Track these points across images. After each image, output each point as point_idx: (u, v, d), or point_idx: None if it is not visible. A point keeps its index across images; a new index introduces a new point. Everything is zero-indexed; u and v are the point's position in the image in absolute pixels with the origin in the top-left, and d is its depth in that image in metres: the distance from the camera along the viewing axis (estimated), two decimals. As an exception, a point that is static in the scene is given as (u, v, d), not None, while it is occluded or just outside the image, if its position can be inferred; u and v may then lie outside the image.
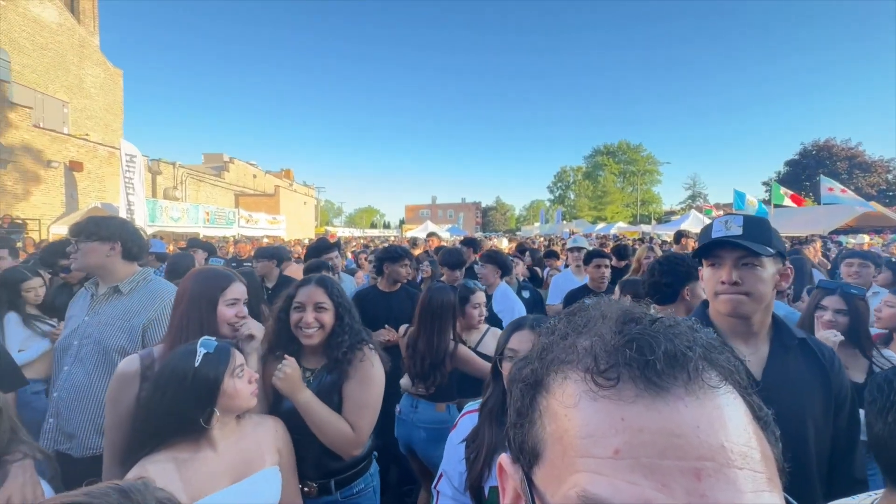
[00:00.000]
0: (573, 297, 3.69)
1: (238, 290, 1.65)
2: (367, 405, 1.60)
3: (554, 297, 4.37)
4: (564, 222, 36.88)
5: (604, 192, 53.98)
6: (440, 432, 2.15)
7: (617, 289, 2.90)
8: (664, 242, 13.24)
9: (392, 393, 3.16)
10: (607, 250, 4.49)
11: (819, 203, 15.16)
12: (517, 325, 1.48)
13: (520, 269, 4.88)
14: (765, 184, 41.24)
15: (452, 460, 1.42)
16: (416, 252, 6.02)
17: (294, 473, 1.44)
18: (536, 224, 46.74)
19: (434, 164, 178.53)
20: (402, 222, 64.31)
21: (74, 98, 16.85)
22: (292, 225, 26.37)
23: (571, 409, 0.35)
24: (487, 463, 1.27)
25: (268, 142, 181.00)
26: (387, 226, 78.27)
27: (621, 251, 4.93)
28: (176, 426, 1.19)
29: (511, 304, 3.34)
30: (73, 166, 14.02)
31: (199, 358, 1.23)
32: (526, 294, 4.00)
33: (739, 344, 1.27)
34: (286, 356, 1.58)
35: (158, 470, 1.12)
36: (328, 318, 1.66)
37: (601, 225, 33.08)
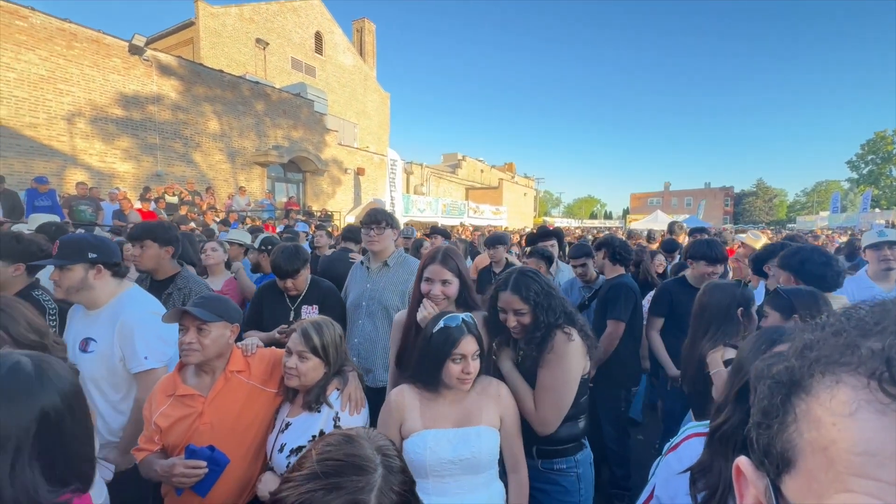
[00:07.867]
0: None
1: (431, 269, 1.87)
2: (547, 388, 1.64)
3: None
4: (877, 210, 26.10)
5: (963, 163, 35.40)
6: None
7: None
8: None
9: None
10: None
11: None
12: (774, 339, 1.17)
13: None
14: None
15: (671, 485, 1.21)
16: (653, 247, 5.76)
17: (518, 434, 1.59)
18: (824, 213, 34.59)
19: (668, 148, 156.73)
20: (625, 212, 58.77)
21: (360, 120, 22.47)
22: (513, 215, 27.84)
23: (844, 419, 0.30)
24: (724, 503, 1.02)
25: (494, 138, 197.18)
26: (608, 216, 72.92)
27: None
28: (422, 371, 1.50)
29: None
30: (360, 171, 18.72)
31: (437, 327, 1.47)
32: None
33: None
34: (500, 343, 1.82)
35: (410, 396, 1.51)
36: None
37: (954, 213, 21.78)
